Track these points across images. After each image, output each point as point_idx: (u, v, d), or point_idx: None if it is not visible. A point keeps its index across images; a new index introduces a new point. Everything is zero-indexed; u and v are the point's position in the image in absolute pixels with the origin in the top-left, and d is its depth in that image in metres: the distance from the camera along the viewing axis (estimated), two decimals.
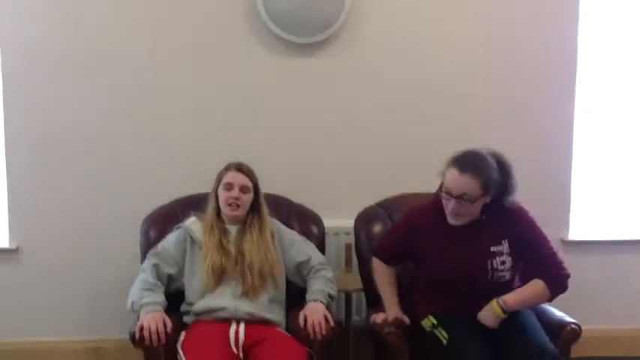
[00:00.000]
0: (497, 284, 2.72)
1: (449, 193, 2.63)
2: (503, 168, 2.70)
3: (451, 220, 2.70)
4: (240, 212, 3.00)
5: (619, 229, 4.00)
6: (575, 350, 3.53)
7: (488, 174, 2.62)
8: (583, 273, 3.84)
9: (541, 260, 2.74)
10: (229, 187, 2.98)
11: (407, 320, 2.75)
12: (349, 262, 3.54)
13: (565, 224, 3.92)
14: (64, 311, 3.73)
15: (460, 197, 2.60)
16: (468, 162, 2.62)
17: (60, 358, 3.72)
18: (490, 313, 2.65)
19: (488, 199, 2.68)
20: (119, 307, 3.13)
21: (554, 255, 2.76)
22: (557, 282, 2.73)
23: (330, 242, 3.64)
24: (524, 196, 3.58)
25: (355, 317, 3.61)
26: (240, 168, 3.02)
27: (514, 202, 2.75)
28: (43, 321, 3.72)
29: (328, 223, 3.56)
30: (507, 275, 2.73)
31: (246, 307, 2.86)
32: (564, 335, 2.77)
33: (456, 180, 2.60)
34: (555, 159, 3.88)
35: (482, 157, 2.65)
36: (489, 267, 2.70)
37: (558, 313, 2.92)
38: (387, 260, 2.96)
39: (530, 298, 2.72)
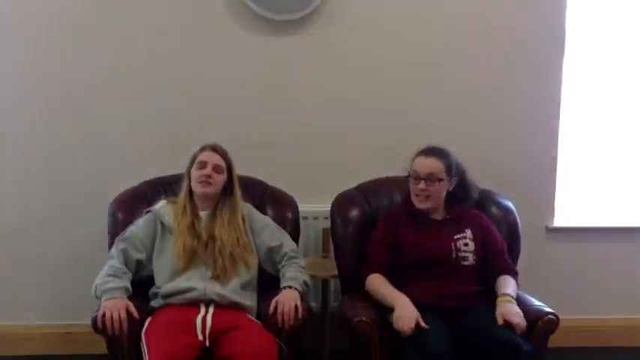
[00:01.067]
0: (463, 267, 2.88)
1: (417, 176, 2.92)
2: (459, 167, 3.02)
3: (419, 204, 2.94)
4: (211, 190, 2.92)
5: (604, 216, 3.92)
6: (559, 340, 3.48)
7: (449, 158, 2.96)
8: (567, 261, 3.85)
9: (499, 256, 2.96)
10: (202, 165, 2.93)
11: (422, 323, 2.63)
12: (327, 248, 3.47)
13: (550, 211, 3.84)
14: (33, 296, 3.65)
15: (427, 178, 2.89)
16: (430, 149, 2.97)
17: (30, 344, 3.64)
18: (511, 306, 2.71)
19: (450, 187, 2.97)
20: (89, 291, 3.04)
21: (506, 253, 3.00)
22: (515, 277, 2.94)
23: (309, 227, 3.61)
24: (509, 182, 3.60)
25: (333, 303, 3.52)
26: (215, 148, 2.99)
27: (473, 204, 3.09)
28: (12, 306, 3.65)
29: (308, 207, 3.53)
30: (471, 258, 2.90)
31: (216, 288, 2.78)
32: (541, 325, 2.69)
33: (423, 162, 2.93)
34: (541, 146, 3.79)
35: (442, 147, 2.99)
36: (454, 248, 2.90)
37: (536, 303, 2.86)
38: (384, 270, 2.90)
39: (515, 288, 2.87)
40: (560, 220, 3.84)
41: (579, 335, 3.79)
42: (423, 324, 2.59)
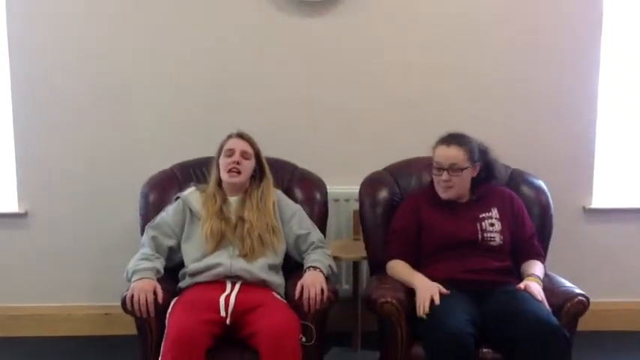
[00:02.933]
0: (491, 247, 2.84)
1: (440, 167, 2.86)
2: (482, 148, 2.96)
3: (443, 194, 2.89)
4: (240, 179, 2.93)
5: None
6: (597, 324, 3.45)
7: (471, 145, 2.90)
8: (605, 242, 3.76)
9: (528, 240, 2.92)
10: (230, 152, 2.93)
11: (444, 290, 2.66)
12: (357, 230, 3.44)
13: (588, 192, 3.74)
14: (72, 276, 3.73)
15: (450, 168, 2.84)
16: (451, 137, 2.90)
17: (68, 324, 3.73)
18: (535, 284, 2.71)
19: (475, 172, 2.91)
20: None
21: (535, 238, 2.95)
22: (542, 261, 2.91)
23: (340, 209, 3.61)
24: (547, 162, 3.54)
25: (364, 286, 3.51)
26: (241, 135, 2.99)
27: (503, 182, 3.06)
28: (51, 286, 3.74)
29: (339, 189, 3.54)
30: (497, 238, 2.85)
31: (242, 264, 2.79)
32: (570, 307, 2.63)
33: (444, 153, 2.86)
34: (578, 126, 3.70)
35: (462, 134, 2.93)
36: (479, 228, 2.86)
37: (567, 284, 2.80)
38: (403, 254, 2.89)
39: (541, 271, 2.85)
40: (597, 201, 3.75)
41: (616, 319, 3.72)
42: (444, 291, 2.63)
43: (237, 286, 2.75)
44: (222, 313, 2.63)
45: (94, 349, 3.62)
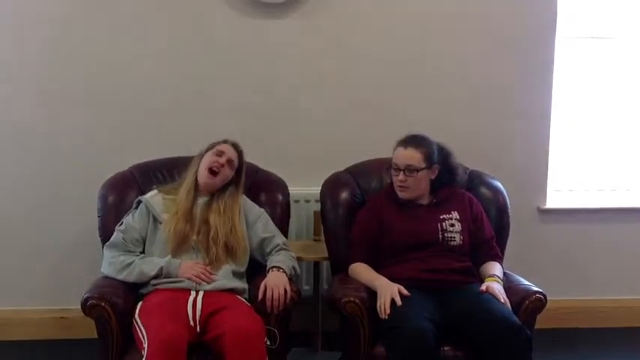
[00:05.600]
0: (451, 248, 2.89)
1: (397, 168, 2.93)
2: (444, 151, 3.02)
3: (400, 194, 2.95)
4: (215, 181, 2.94)
5: (594, 197, 3.92)
6: (552, 322, 3.53)
7: (429, 148, 2.95)
8: (558, 242, 3.84)
9: (487, 242, 2.98)
10: (219, 153, 2.95)
11: (404, 290, 2.69)
12: (318, 231, 3.46)
13: (542, 193, 3.83)
14: (27, 279, 3.66)
15: (406, 169, 2.89)
16: (409, 139, 2.95)
17: (23, 328, 3.66)
18: (497, 285, 2.77)
19: (432, 175, 2.96)
20: (83, 275, 3.11)
21: (494, 240, 3.01)
22: (500, 262, 2.98)
23: (300, 210, 3.61)
24: (502, 163, 3.61)
25: (325, 286, 3.53)
26: (236, 145, 3.02)
27: (463, 184, 3.12)
28: (5, 289, 3.65)
29: (299, 190, 3.54)
30: (457, 239, 2.91)
31: (206, 287, 2.76)
32: (529, 305, 2.69)
33: (401, 154, 2.92)
34: (533, 127, 3.78)
35: (422, 136, 2.99)
36: (439, 228, 2.91)
37: (524, 282, 2.87)
38: (366, 257, 2.93)
39: (501, 271, 2.91)
40: (551, 202, 3.83)
41: (569, 316, 3.82)
42: (405, 292, 2.65)
43: (202, 292, 2.73)
44: (192, 322, 2.62)
45: (49, 353, 3.56)
